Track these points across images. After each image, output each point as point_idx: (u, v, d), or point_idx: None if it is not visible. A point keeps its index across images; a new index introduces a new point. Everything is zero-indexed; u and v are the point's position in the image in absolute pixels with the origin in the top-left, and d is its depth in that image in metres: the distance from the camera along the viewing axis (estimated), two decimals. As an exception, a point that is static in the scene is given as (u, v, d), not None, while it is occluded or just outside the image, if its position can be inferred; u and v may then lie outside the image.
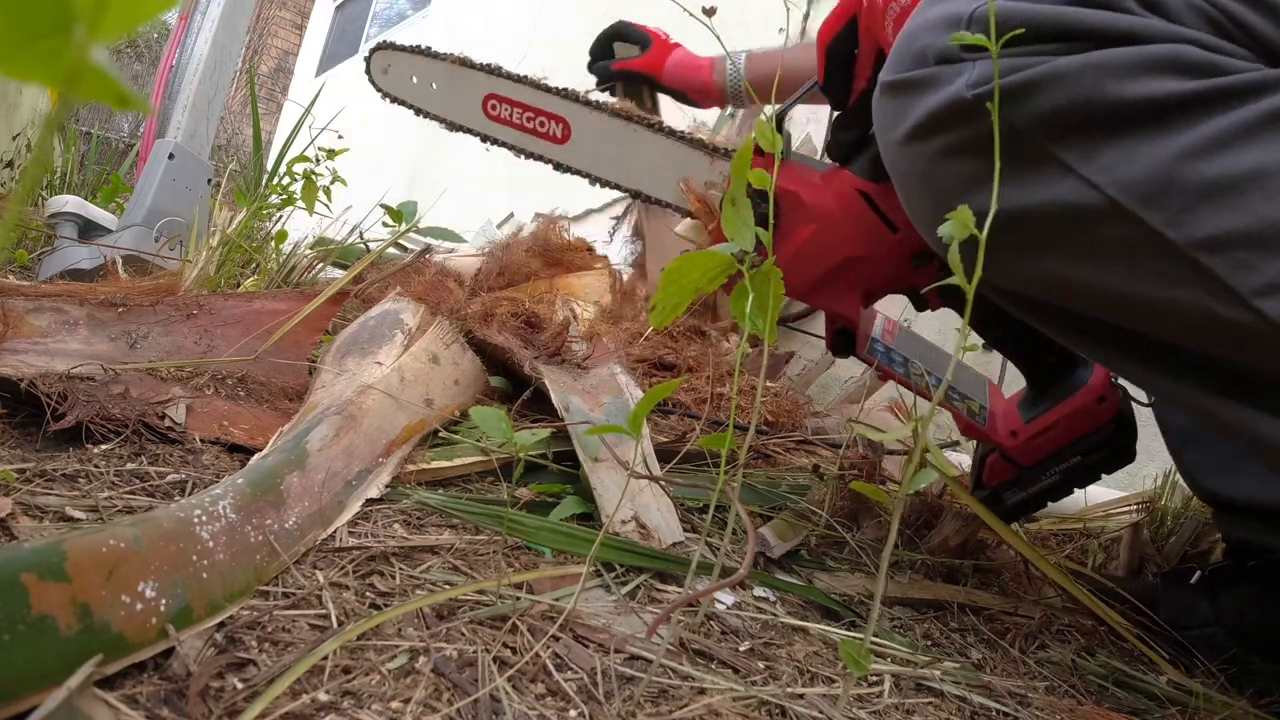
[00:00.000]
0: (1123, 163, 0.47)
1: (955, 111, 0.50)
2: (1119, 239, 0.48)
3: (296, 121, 2.34)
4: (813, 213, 0.76)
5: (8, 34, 0.14)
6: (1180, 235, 0.46)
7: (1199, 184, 0.45)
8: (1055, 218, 0.49)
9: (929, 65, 0.51)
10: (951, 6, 0.51)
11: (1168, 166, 0.46)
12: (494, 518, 0.64)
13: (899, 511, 0.45)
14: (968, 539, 0.80)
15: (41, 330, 0.76)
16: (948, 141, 0.51)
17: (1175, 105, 0.46)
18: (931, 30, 0.52)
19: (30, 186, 0.22)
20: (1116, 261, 0.49)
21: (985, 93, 0.48)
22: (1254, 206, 0.45)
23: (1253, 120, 0.45)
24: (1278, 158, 0.44)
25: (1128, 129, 0.47)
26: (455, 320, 0.98)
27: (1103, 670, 0.67)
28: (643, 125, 0.95)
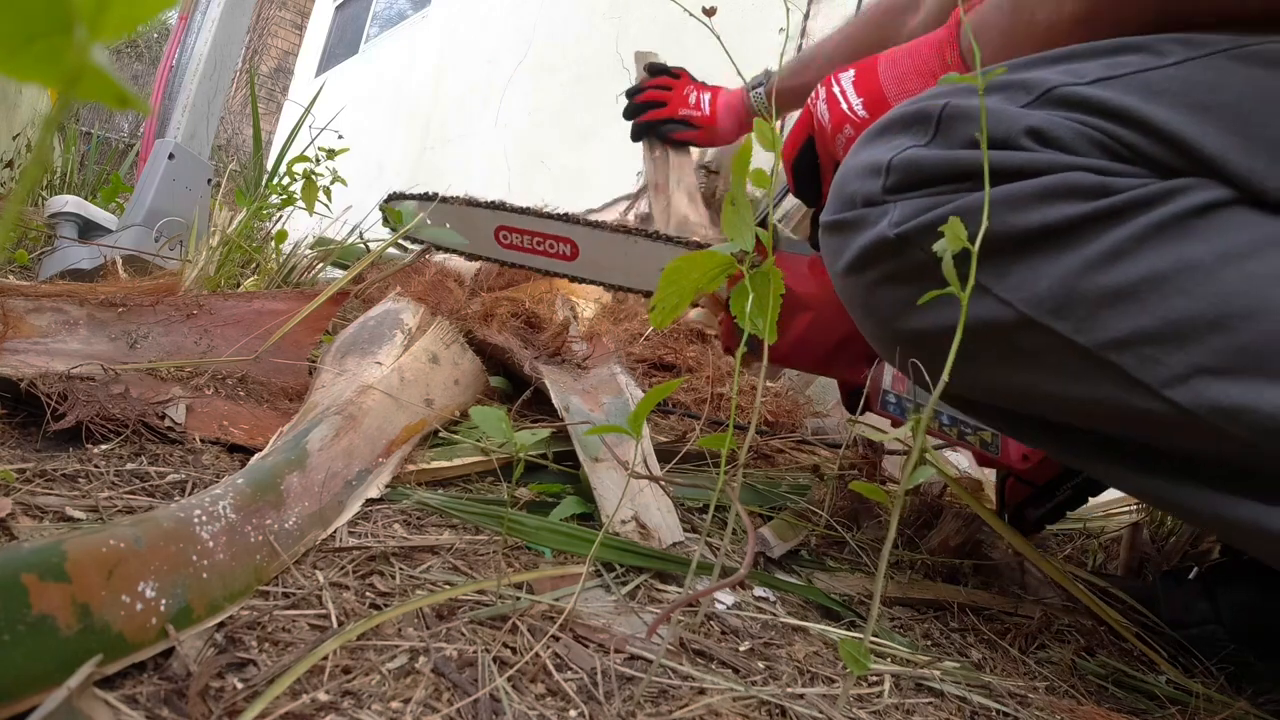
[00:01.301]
0: (1030, 281, 0.52)
1: (881, 248, 0.56)
2: (1036, 347, 0.53)
3: (296, 121, 2.34)
4: (806, 301, 0.83)
5: (8, 34, 0.14)
6: (1088, 340, 0.51)
7: (1099, 293, 0.50)
8: (979, 333, 0.54)
9: (857, 208, 0.57)
10: (874, 155, 0.57)
11: (1070, 280, 0.51)
12: (494, 518, 0.64)
13: (898, 511, 0.45)
14: (968, 539, 0.80)
15: (41, 330, 0.76)
16: (878, 274, 0.58)
17: (1071, 226, 0.51)
18: (858, 177, 0.58)
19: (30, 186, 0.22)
20: (1037, 367, 0.55)
21: (905, 230, 0.54)
22: (1152, 307, 0.49)
23: (1142, 231, 0.50)
24: (1168, 261, 0.49)
25: (1031, 251, 0.52)
26: (455, 320, 0.98)
27: (1103, 670, 0.67)
28: (641, 236, 1.05)
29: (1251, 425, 0.47)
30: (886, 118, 0.58)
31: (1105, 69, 0.53)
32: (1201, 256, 0.49)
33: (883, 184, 0.56)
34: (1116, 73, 0.52)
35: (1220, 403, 0.48)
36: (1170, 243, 0.49)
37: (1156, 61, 0.52)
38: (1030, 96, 0.53)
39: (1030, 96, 0.53)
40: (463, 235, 1.16)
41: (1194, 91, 0.51)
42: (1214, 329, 0.48)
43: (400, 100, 4.81)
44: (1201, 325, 0.48)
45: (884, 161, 0.56)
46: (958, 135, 0.54)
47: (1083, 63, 0.53)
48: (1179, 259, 0.49)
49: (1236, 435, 0.49)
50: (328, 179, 1.62)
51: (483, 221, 1.14)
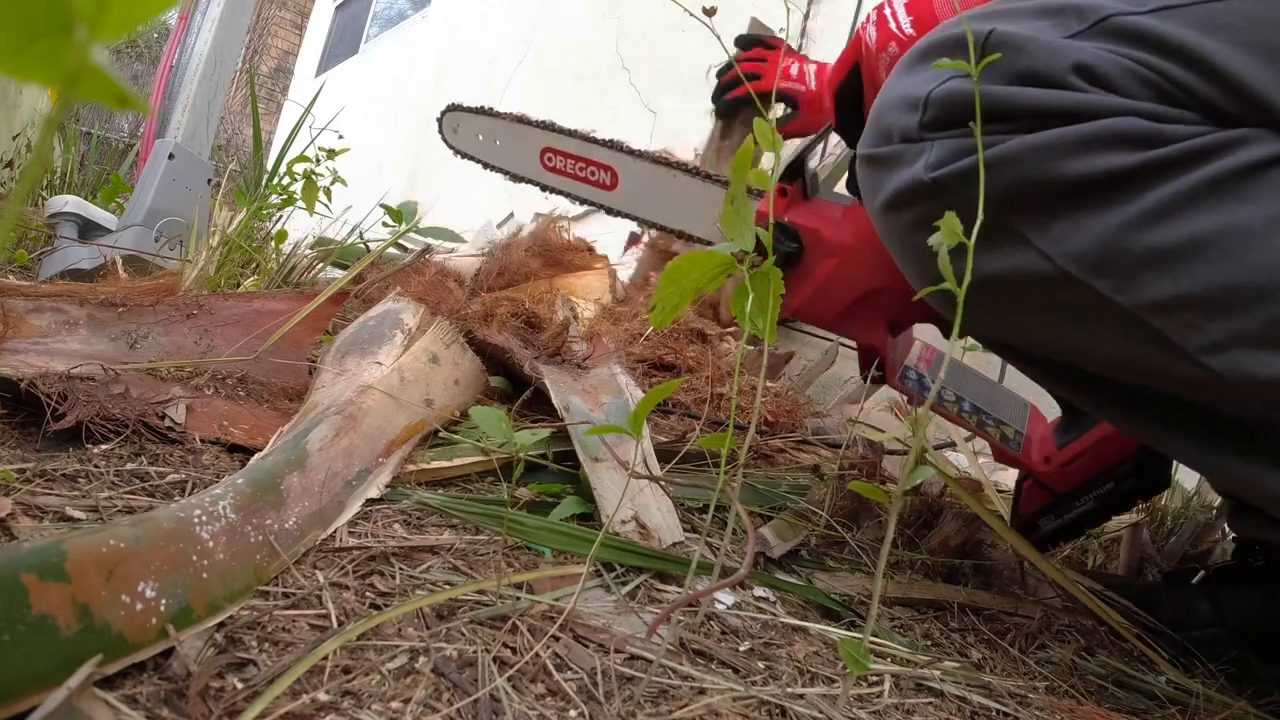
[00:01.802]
0: (1071, 235, 0.50)
1: (917, 191, 0.53)
2: (1075, 303, 0.52)
3: (296, 121, 2.34)
4: (834, 248, 0.78)
5: (8, 34, 0.14)
6: (1128, 300, 0.49)
7: (1142, 253, 0.48)
8: (1017, 284, 0.53)
9: (894, 143, 0.55)
10: (912, 85, 0.54)
11: (1112, 237, 0.48)
12: (494, 518, 0.64)
13: (897, 511, 0.45)
14: (968, 539, 0.80)
15: (41, 330, 0.76)
16: (914, 216, 0.55)
17: (1115, 179, 0.48)
18: (895, 109, 0.55)
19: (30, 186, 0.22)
20: (1075, 322, 0.53)
21: (941, 175, 0.52)
22: (1196, 272, 0.47)
23: (1190, 189, 0.47)
24: (1215, 224, 0.46)
25: (1073, 204, 0.49)
26: (455, 320, 0.98)
27: (1103, 670, 0.67)
28: (682, 171, 1.03)
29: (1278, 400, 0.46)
30: (928, 39, 0.55)
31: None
32: (1253, 220, 0.46)
33: (920, 119, 0.53)
34: (1177, 1, 0.48)
35: (1259, 375, 0.46)
36: (1221, 203, 0.46)
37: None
38: (1083, 24, 0.50)
39: (1083, 24, 0.50)
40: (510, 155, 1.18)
41: (1262, 29, 0.47)
42: (1261, 298, 0.45)
43: (400, 100, 4.81)
44: (1248, 293, 0.46)
45: (923, 95, 0.52)
46: (1004, 65, 0.50)
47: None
48: (1229, 221, 0.46)
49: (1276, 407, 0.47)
50: (328, 179, 1.62)
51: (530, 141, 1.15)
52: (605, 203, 1.11)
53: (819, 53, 2.19)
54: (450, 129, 1.26)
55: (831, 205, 0.80)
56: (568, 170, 1.13)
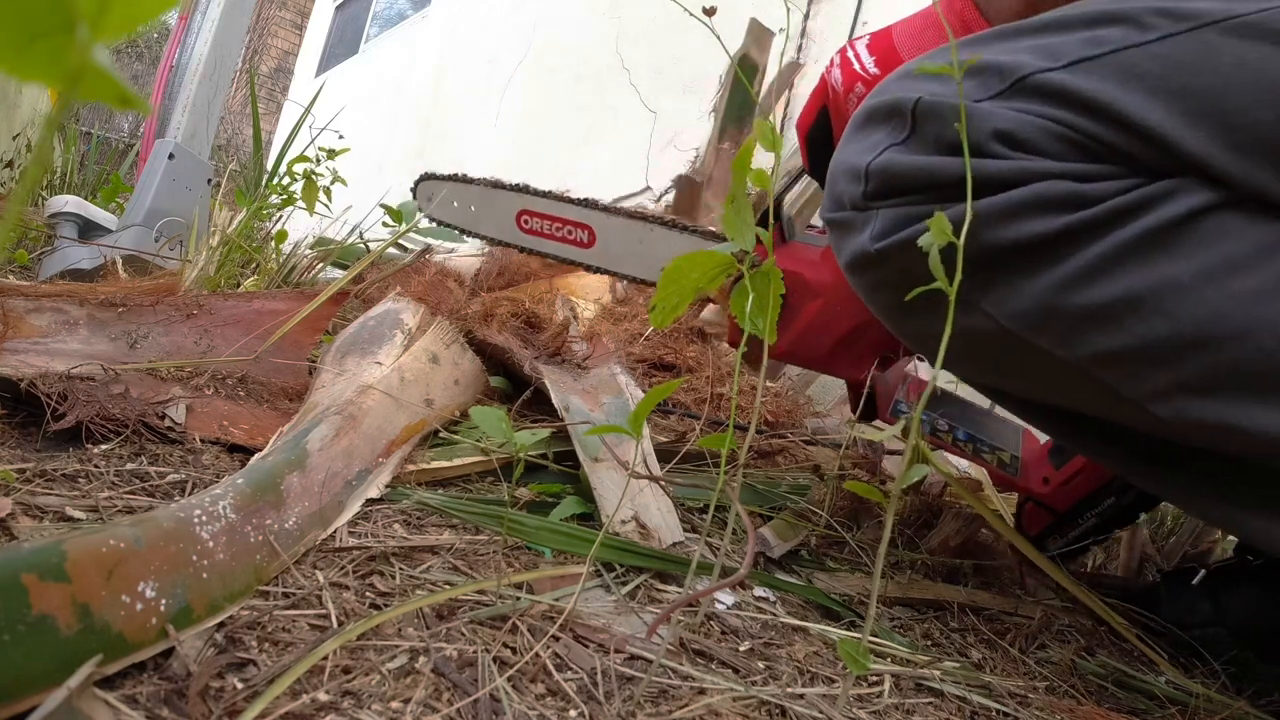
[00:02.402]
0: (1010, 298, 0.51)
1: (866, 260, 0.56)
2: (1027, 357, 0.54)
3: (296, 121, 2.34)
4: (816, 289, 0.80)
5: (9, 33, 0.14)
6: (1070, 355, 0.51)
7: (1077, 311, 0.49)
8: (972, 340, 0.55)
9: (845, 209, 0.57)
10: (855, 154, 0.56)
11: (1048, 299, 0.50)
12: (494, 518, 0.64)
13: (894, 510, 0.45)
14: (968, 539, 0.80)
15: (41, 330, 0.76)
16: (870, 280, 0.58)
17: (1045, 244, 0.49)
18: (843, 177, 0.57)
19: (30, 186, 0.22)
20: (1028, 373, 0.56)
21: (885, 246, 0.54)
22: (1131, 327, 0.48)
23: (1117, 248, 0.48)
24: (1145, 280, 0.47)
25: (1008, 268, 0.51)
26: (455, 320, 0.98)
27: (1103, 670, 0.67)
28: (659, 224, 1.04)
29: (1242, 443, 0.47)
30: (866, 106, 0.56)
31: (1083, 46, 0.49)
32: (1181, 274, 0.47)
33: (863, 189, 0.55)
34: (1094, 51, 0.49)
35: (1206, 420, 0.48)
36: (1148, 259, 0.47)
37: (1139, 37, 0.48)
38: (1004, 84, 0.50)
39: (1004, 84, 0.50)
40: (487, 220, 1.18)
41: (1177, 75, 0.46)
42: (1196, 349, 0.47)
43: (400, 100, 4.81)
44: (1181, 345, 0.47)
45: (863, 166, 0.55)
46: (931, 134, 0.52)
47: (1062, 36, 0.50)
48: (1158, 277, 0.47)
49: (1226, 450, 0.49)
50: (328, 179, 1.62)
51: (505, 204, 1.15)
52: (585, 260, 1.11)
53: (819, 53, 2.19)
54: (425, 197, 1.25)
55: (809, 247, 0.82)
56: (545, 231, 1.13)
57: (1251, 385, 0.46)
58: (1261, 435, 0.46)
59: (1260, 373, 0.45)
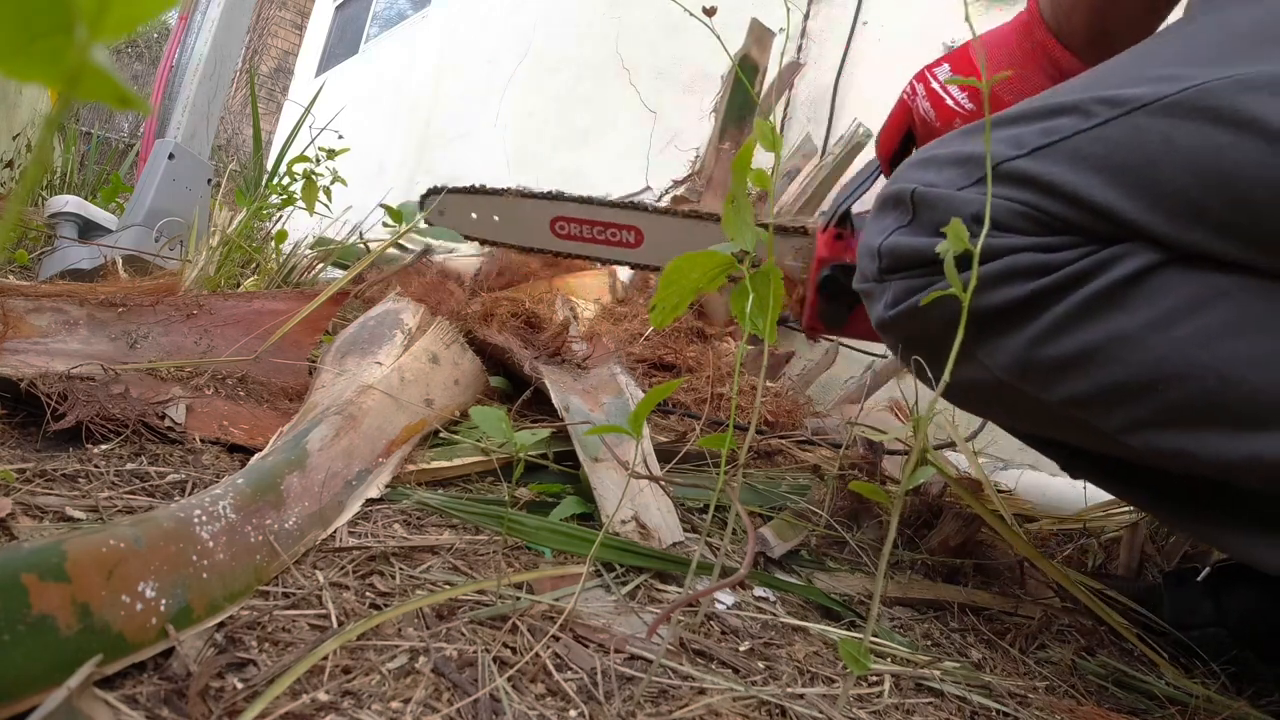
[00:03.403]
0: (996, 352, 0.60)
1: (884, 325, 0.65)
2: (1016, 400, 0.62)
3: (296, 121, 2.34)
4: None
5: (8, 34, 0.14)
6: (1051, 398, 0.59)
7: (1048, 363, 0.57)
8: (975, 386, 0.63)
9: (868, 281, 0.66)
10: (872, 235, 0.65)
11: (1023, 353, 0.58)
12: (494, 518, 0.64)
13: (898, 511, 0.45)
14: (968, 539, 0.80)
15: (41, 330, 0.76)
16: (890, 340, 0.67)
17: (1017, 307, 0.57)
18: (864, 256, 0.66)
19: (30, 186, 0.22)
20: (1021, 413, 0.66)
21: (896, 314, 0.63)
22: (1093, 375, 0.55)
23: (1076, 308, 0.55)
24: (1100, 334, 0.55)
25: (992, 328, 0.59)
26: (455, 320, 0.98)
27: (1103, 670, 0.67)
28: (711, 220, 1.05)
29: (1199, 467, 0.54)
30: (883, 193, 0.65)
31: (1041, 135, 0.56)
32: (1129, 327, 0.54)
33: (878, 267, 0.64)
34: (1050, 139, 0.56)
35: (1164, 449, 0.55)
36: (1101, 316, 0.55)
37: (1084, 124, 0.55)
38: (981, 172, 0.58)
39: (981, 172, 0.58)
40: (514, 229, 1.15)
41: (1116, 154, 0.53)
42: (1147, 391, 0.54)
43: (400, 100, 4.81)
44: (1137, 388, 0.54)
45: (875, 246, 0.64)
46: (926, 219, 0.60)
47: (1027, 126, 0.57)
48: (1110, 331, 0.54)
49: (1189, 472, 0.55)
50: (328, 179, 1.62)
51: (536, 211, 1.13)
52: (631, 260, 1.12)
53: (819, 53, 2.19)
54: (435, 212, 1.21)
55: None
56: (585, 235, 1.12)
57: (1198, 418, 0.52)
58: (1212, 459, 0.52)
59: (1203, 406, 0.52)
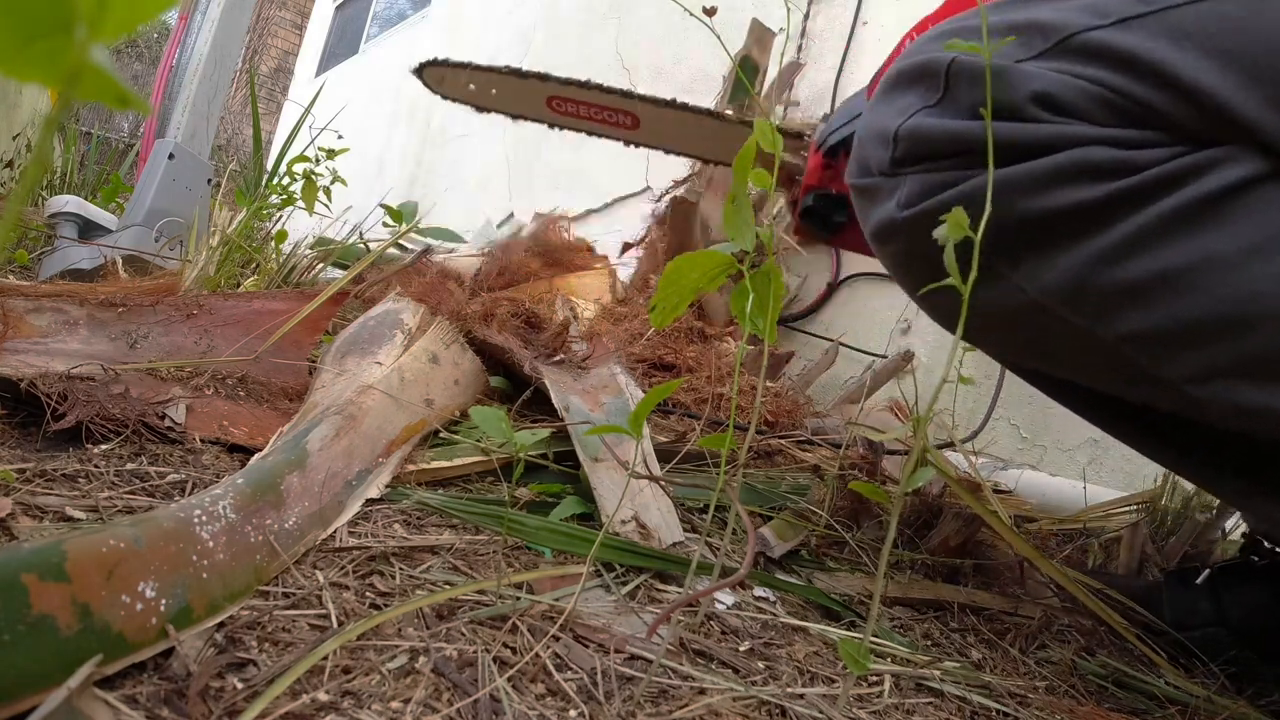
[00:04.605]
0: (1043, 270, 0.49)
1: (892, 229, 0.54)
2: (1054, 330, 0.51)
3: (296, 121, 2.34)
4: None
5: (8, 33, 0.14)
6: (1104, 332, 0.49)
7: (1113, 287, 0.47)
8: (1000, 314, 0.52)
9: (873, 175, 0.54)
10: (884, 117, 0.53)
11: (1083, 272, 0.47)
12: (494, 518, 0.64)
13: (898, 511, 0.45)
14: (968, 539, 0.80)
15: (41, 330, 0.76)
16: (894, 251, 0.56)
17: (1084, 213, 0.46)
18: (871, 141, 0.54)
19: (30, 186, 0.22)
20: (1059, 347, 0.53)
21: (912, 215, 0.51)
22: (1167, 305, 0.46)
23: (1160, 219, 0.45)
24: (1186, 255, 0.45)
25: (1042, 239, 0.48)
26: (455, 320, 0.98)
27: (1103, 670, 0.67)
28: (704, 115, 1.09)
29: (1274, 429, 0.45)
30: (897, 68, 0.53)
31: (1133, 3, 0.46)
32: (1225, 249, 0.44)
33: (891, 154, 0.52)
34: (1148, 8, 0.45)
35: (1241, 404, 0.45)
36: (1191, 232, 0.44)
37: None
38: (1047, 43, 0.47)
39: (1047, 43, 0.47)
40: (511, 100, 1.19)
41: (1230, 35, 0.43)
42: (1232, 331, 0.44)
43: (400, 100, 4.81)
44: (1217, 327, 0.44)
45: (892, 129, 0.52)
46: (965, 98, 0.49)
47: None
48: (1200, 252, 0.44)
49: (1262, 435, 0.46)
50: (327, 179, 1.62)
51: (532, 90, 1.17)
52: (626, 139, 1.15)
53: (819, 53, 2.19)
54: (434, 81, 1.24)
55: None
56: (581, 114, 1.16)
57: None
58: None
59: None
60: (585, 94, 1.14)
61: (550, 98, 1.15)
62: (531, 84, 1.16)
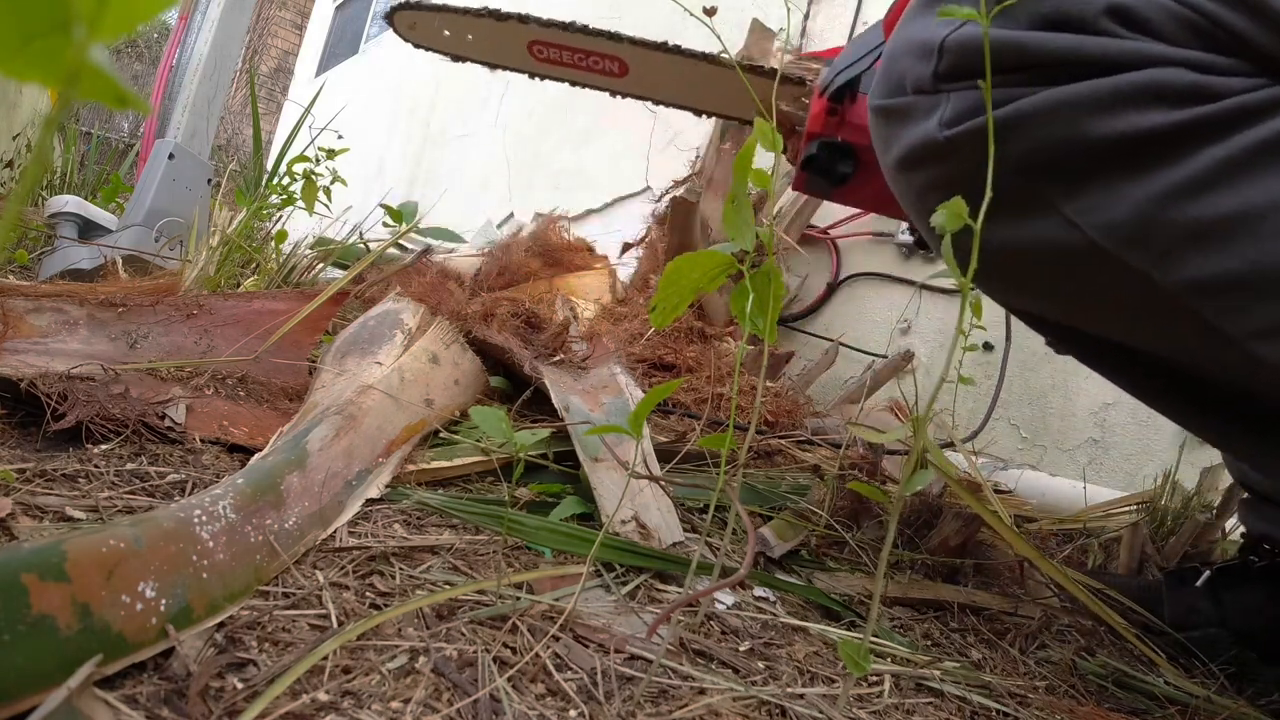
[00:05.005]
0: (1103, 203, 0.44)
1: (931, 150, 0.48)
2: (1105, 277, 0.46)
3: (296, 121, 2.34)
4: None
5: (8, 33, 0.14)
6: (1165, 278, 0.44)
7: (1184, 226, 0.42)
8: (1042, 254, 0.47)
9: (907, 94, 0.49)
10: (926, 28, 0.48)
11: (1150, 208, 0.43)
12: (494, 518, 0.64)
13: (897, 511, 0.45)
14: (968, 539, 0.80)
15: (41, 330, 0.76)
16: (927, 177, 0.50)
17: (1157, 141, 0.42)
18: (908, 55, 0.49)
19: (30, 186, 0.22)
20: (1104, 297, 0.48)
21: (958, 134, 0.46)
22: (1242, 249, 0.42)
23: (1241, 153, 0.41)
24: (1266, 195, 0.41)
25: (1108, 168, 0.44)
26: (455, 320, 0.98)
27: (1103, 670, 0.67)
28: (699, 59, 1.02)
29: None
30: None
31: None
32: None
33: (934, 68, 0.47)
34: None
35: None
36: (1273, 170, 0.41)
37: None
38: None
39: None
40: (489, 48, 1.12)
41: None
42: None
43: (400, 100, 4.81)
44: None
45: (937, 40, 0.46)
46: (1027, 8, 0.44)
47: None
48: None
49: None
50: (327, 179, 1.62)
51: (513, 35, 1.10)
52: (613, 88, 1.08)
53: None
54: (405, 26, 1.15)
55: None
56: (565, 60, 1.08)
57: None
58: None
59: None
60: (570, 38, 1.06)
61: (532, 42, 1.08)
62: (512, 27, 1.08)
